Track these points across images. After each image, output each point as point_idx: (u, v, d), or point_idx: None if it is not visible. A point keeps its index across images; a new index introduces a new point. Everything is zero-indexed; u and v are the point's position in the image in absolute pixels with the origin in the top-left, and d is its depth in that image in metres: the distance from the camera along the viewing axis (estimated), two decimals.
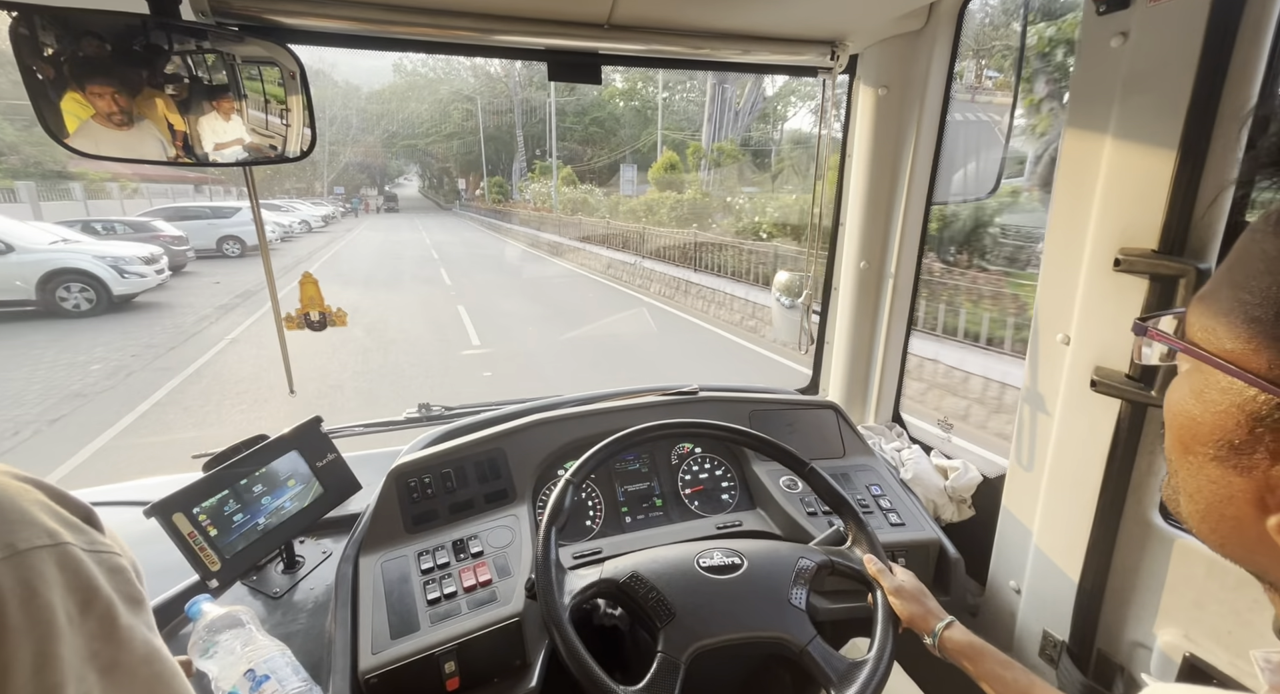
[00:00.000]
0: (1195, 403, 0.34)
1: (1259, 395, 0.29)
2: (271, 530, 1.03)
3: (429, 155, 48.56)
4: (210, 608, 0.88)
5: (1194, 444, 0.34)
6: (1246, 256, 0.32)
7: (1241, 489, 0.31)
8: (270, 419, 4.85)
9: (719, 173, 19.47)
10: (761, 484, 1.26)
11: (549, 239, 19.78)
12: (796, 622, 0.81)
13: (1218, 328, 0.32)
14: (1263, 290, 0.30)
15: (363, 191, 53.51)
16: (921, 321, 5.86)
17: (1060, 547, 0.99)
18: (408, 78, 41.39)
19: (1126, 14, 0.80)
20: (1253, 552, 0.33)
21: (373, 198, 49.54)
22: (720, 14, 1.12)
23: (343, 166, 46.88)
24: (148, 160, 0.88)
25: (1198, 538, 0.36)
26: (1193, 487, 0.35)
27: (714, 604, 0.82)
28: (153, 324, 8.16)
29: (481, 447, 1.20)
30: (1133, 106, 0.81)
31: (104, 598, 0.39)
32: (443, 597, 0.97)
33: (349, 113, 43.97)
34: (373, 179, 56.14)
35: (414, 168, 61.16)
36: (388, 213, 43.17)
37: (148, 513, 0.90)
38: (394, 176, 63.07)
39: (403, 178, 68.06)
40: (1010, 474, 1.10)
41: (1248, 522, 0.32)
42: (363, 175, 52.85)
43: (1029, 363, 1.03)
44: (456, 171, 47.92)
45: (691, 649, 0.77)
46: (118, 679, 0.39)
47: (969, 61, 8.56)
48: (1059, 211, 0.94)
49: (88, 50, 0.84)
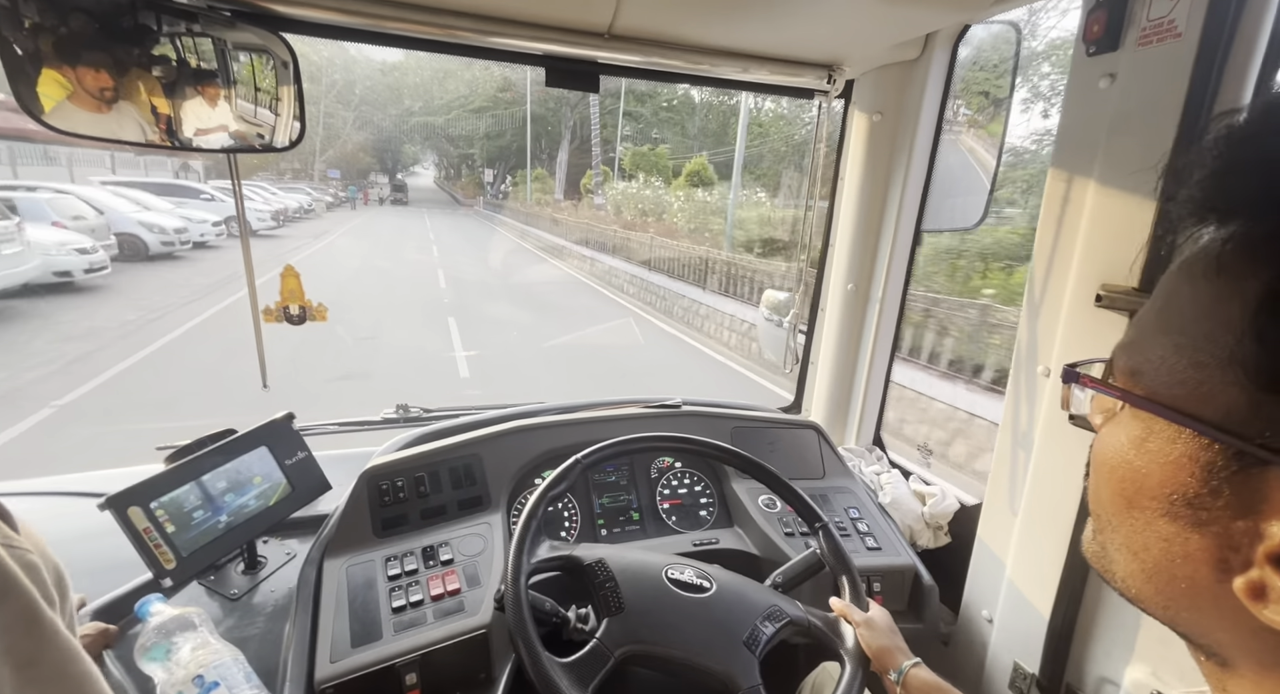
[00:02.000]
0: (1137, 454, 0.32)
1: (1213, 444, 0.28)
2: (234, 529, 1.00)
3: (447, 138, 41.10)
4: (161, 608, 0.84)
5: (1140, 498, 0.32)
6: (1176, 302, 0.31)
7: (1199, 547, 0.29)
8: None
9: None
10: (740, 502, 1.25)
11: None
12: (744, 665, 0.77)
13: (1158, 375, 0.31)
14: (1204, 335, 0.28)
15: (372, 177, 46.58)
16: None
17: (1033, 579, 0.99)
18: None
19: (1115, 56, 0.82)
20: (1202, 614, 0.31)
21: (376, 187, 43.03)
22: (721, 31, 1.13)
23: (343, 147, 39.91)
24: (126, 141, 0.86)
25: (1135, 599, 0.34)
26: (1138, 544, 0.32)
27: (665, 616, 0.80)
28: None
29: (458, 452, 1.17)
30: (1118, 146, 0.83)
31: (22, 593, 0.38)
32: (408, 605, 0.94)
33: (352, 78, 37.33)
34: (383, 164, 48.71)
35: (430, 155, 53.77)
36: (394, 205, 36.70)
37: (102, 506, 0.86)
38: (408, 164, 56.30)
39: (418, 166, 60.91)
40: (987, 503, 1.10)
41: (1203, 583, 0.29)
42: (370, 159, 45.59)
43: (1009, 393, 1.03)
44: (482, 159, 39.67)
45: (626, 647, 0.75)
46: (33, 677, 0.38)
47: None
48: (1043, 245, 0.95)
49: (72, 26, 0.81)
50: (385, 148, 45.65)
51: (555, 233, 19.42)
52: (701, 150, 21.78)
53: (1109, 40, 0.81)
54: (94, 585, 0.94)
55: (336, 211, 29.01)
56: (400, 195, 39.17)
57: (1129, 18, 0.79)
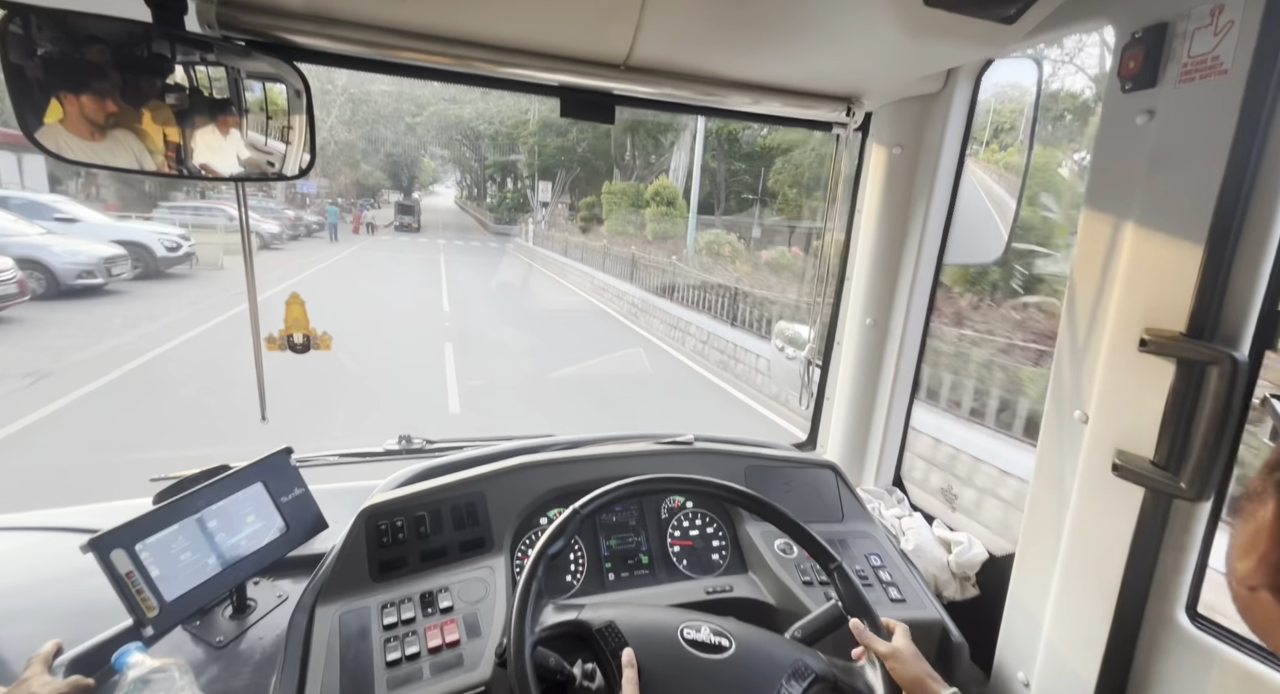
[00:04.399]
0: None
1: None
2: (223, 572, 0.95)
3: (466, 142, 32.52)
4: (141, 659, 0.79)
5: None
6: None
7: None
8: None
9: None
10: (754, 546, 1.19)
11: None
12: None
13: None
14: None
15: (382, 195, 37.46)
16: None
17: (1075, 641, 0.92)
18: None
19: (1153, 92, 0.79)
20: None
21: (376, 207, 33.50)
22: (738, 63, 1.11)
23: (332, 156, 29.31)
24: (129, 169, 0.84)
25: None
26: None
27: (684, 681, 0.75)
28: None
29: (460, 489, 1.12)
30: (1159, 184, 0.79)
31: None
32: (404, 658, 0.88)
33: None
34: (396, 179, 39.69)
35: (453, 172, 44.19)
36: (400, 231, 27.70)
37: (85, 548, 0.81)
38: (427, 182, 47.62)
39: (438, 185, 51.49)
40: (1020, 555, 1.04)
41: None
42: (380, 173, 36.35)
43: (1043, 439, 0.98)
44: (531, 172, 27.71)
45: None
46: None
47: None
48: (1079, 286, 0.91)
49: (88, 55, 0.80)
50: (400, 158, 36.88)
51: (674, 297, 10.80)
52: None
53: (1146, 76, 0.78)
54: (72, 631, 0.88)
55: (300, 245, 18.28)
56: (408, 219, 28.81)
57: (1168, 54, 0.77)
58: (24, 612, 0.97)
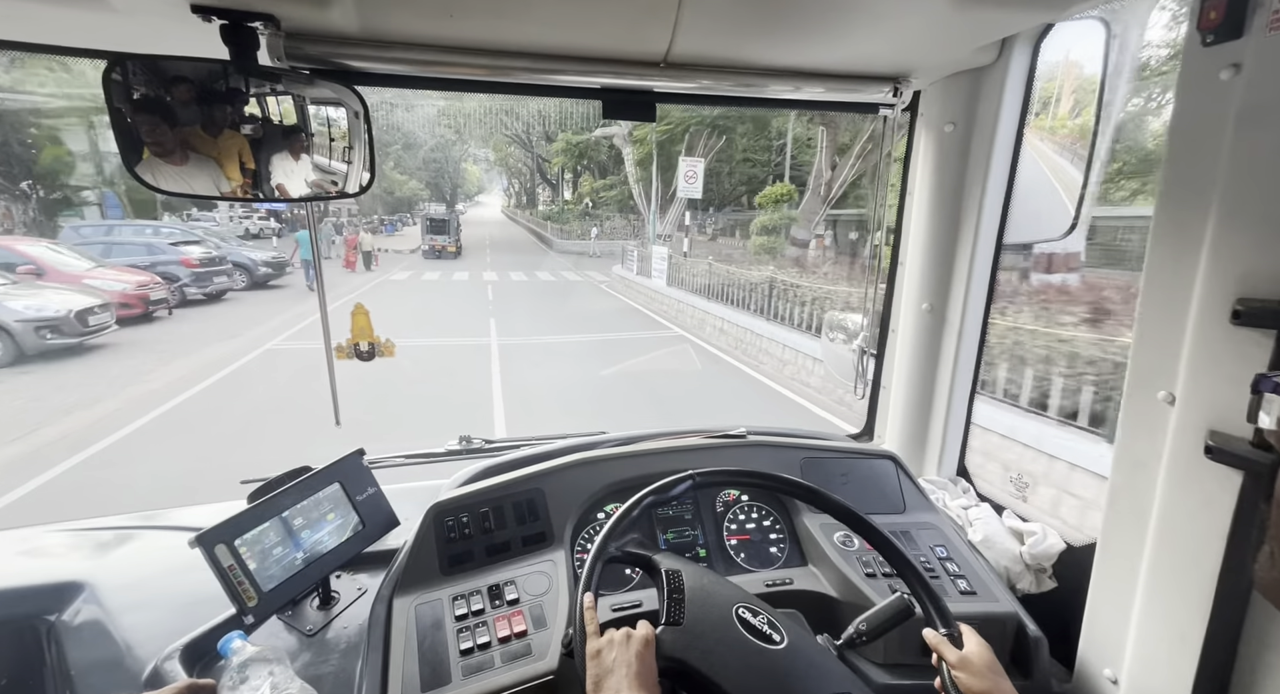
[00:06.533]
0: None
1: None
2: (310, 565, 1.02)
3: (517, 141, 25.04)
4: (242, 646, 0.86)
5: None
6: None
7: None
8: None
9: None
10: (814, 538, 1.17)
11: None
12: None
13: None
14: None
15: (420, 207, 29.25)
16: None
17: (1169, 636, 0.86)
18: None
19: (1239, 44, 0.73)
20: None
21: (391, 227, 26.13)
22: (778, 51, 1.10)
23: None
24: (210, 196, 0.92)
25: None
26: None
27: (722, 647, 0.76)
28: None
29: (521, 486, 1.16)
30: (1251, 142, 0.73)
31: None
32: (476, 647, 0.93)
33: None
34: (438, 192, 32.15)
35: (499, 179, 35.25)
36: (431, 258, 19.98)
37: (193, 543, 0.89)
38: (472, 193, 39.29)
39: (482, 195, 42.44)
40: (1103, 545, 0.98)
41: None
42: (415, 183, 29.19)
43: (1123, 421, 0.92)
44: (649, 159, 17.40)
45: (675, 656, 0.73)
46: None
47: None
48: (1158, 255, 0.85)
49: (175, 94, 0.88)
50: (437, 161, 29.66)
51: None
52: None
53: (1231, 27, 0.72)
54: (179, 620, 0.97)
55: (218, 312, 11.00)
56: (441, 240, 20.08)
57: (1255, 2, 0.71)
58: (139, 604, 1.08)
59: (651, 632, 0.74)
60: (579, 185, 26.14)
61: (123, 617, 1.04)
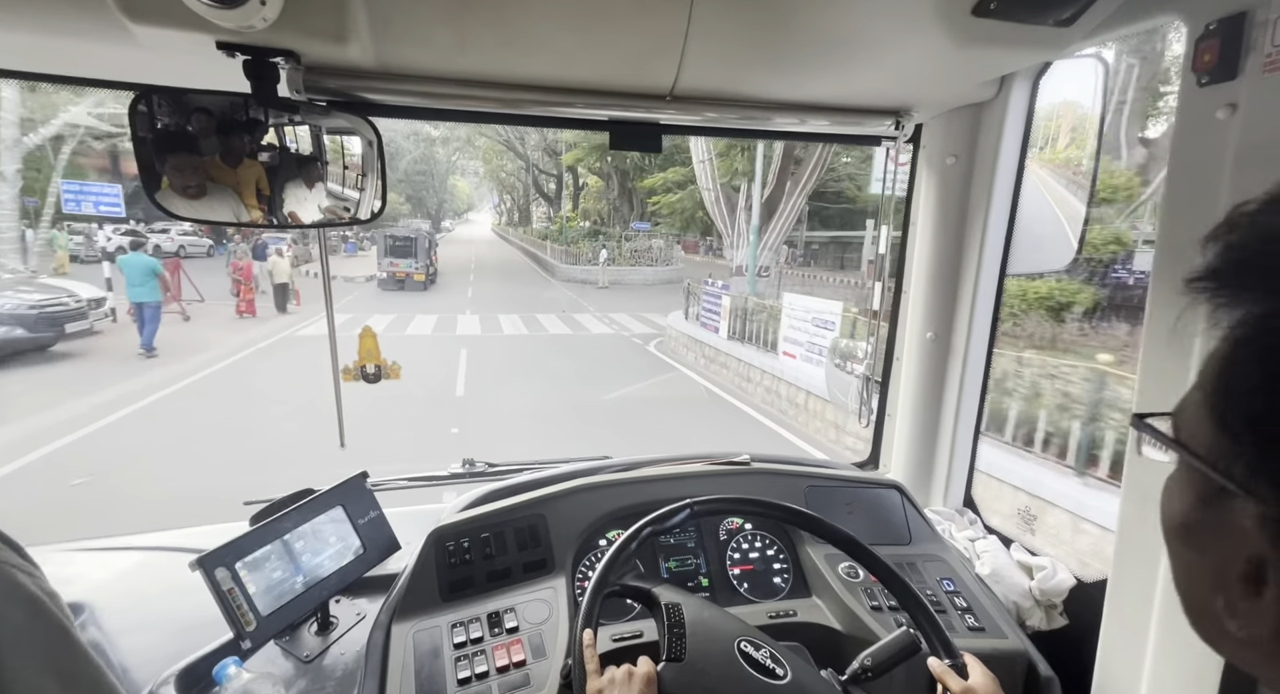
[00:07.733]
0: (1174, 486, 0.38)
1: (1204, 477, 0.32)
2: (310, 589, 1.01)
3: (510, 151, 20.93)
4: (238, 673, 0.85)
5: (1169, 528, 0.38)
6: (1209, 358, 0.35)
7: (1199, 568, 0.33)
8: None
9: None
10: (818, 569, 1.16)
11: None
12: None
13: (1188, 421, 0.35)
14: (1212, 379, 0.34)
15: (403, 222, 24.30)
16: None
17: (1187, 674, 0.84)
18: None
19: (1234, 85, 0.75)
20: (1219, 642, 0.33)
21: (346, 245, 21.82)
22: (782, 85, 1.13)
23: None
24: (228, 222, 0.94)
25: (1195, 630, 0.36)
26: (1176, 573, 0.37)
27: (724, 684, 0.74)
28: None
29: (522, 511, 1.16)
30: (1248, 182, 0.74)
31: (52, 611, 0.41)
32: (474, 676, 0.91)
33: None
34: (421, 204, 28.50)
35: (490, 196, 31.79)
36: (388, 289, 15.56)
37: (194, 565, 0.89)
38: (461, 210, 36.19)
39: (472, 212, 39.07)
40: (1115, 581, 0.96)
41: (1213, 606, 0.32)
42: (395, 197, 23.16)
43: (1132, 452, 0.91)
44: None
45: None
46: (74, 690, 0.40)
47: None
48: (1161, 289, 0.85)
49: (195, 125, 0.91)
50: (425, 183, 25.60)
51: None
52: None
53: (1225, 69, 0.74)
54: (176, 644, 0.97)
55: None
56: (405, 265, 15.80)
57: (1248, 44, 0.72)
58: (138, 626, 1.07)
59: (653, 669, 0.73)
60: (580, 199, 22.11)
61: (121, 639, 1.03)
